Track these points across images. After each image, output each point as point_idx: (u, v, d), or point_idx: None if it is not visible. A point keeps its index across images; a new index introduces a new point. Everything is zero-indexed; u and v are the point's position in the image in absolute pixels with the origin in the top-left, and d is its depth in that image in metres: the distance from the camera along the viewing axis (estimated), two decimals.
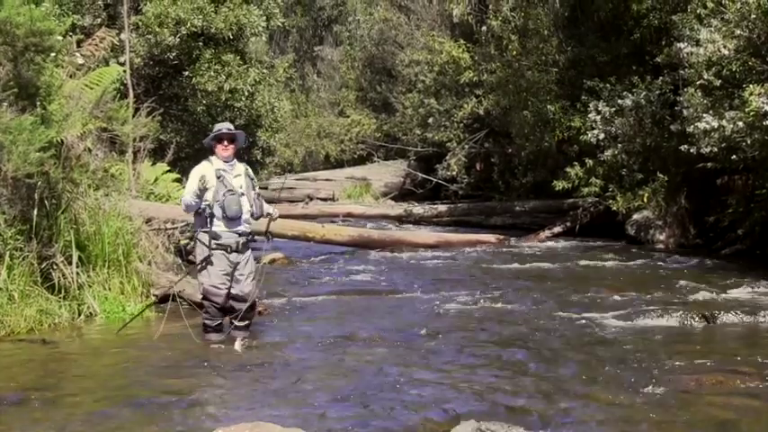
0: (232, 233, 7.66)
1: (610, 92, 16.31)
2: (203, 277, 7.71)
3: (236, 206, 7.61)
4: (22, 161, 7.70)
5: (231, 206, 7.58)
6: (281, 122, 20.75)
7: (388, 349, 7.52)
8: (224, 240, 7.64)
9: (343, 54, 36.07)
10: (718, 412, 5.67)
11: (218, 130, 7.84)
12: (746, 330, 8.27)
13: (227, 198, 7.57)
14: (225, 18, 17.02)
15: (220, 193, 7.59)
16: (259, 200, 7.91)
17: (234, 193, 7.63)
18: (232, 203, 7.59)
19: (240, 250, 7.75)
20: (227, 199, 7.57)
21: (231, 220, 7.62)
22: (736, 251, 13.56)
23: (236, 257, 7.73)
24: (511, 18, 19.59)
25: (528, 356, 7.29)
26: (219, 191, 7.59)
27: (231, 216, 7.60)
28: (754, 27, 12.25)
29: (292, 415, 5.45)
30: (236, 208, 7.62)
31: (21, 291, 8.03)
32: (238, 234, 7.70)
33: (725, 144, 12.34)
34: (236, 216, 7.64)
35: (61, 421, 5.45)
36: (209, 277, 7.67)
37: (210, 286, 7.68)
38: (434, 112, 23.37)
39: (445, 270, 12.78)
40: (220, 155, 7.76)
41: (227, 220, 7.61)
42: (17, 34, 8.03)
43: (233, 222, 7.65)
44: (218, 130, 7.84)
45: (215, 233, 7.63)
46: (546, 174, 18.40)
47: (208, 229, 7.64)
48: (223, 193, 7.58)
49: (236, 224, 7.68)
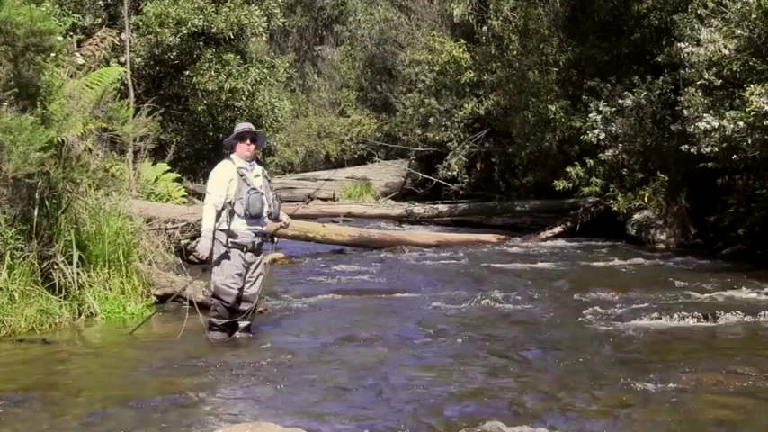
0: (249, 232, 7.64)
1: (610, 92, 16.32)
2: (216, 275, 7.67)
3: (259, 203, 7.60)
4: (22, 161, 7.70)
5: (255, 204, 7.57)
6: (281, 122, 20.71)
7: (389, 349, 7.52)
8: (240, 239, 7.62)
9: (343, 54, 36.07)
10: (718, 412, 5.67)
11: (240, 129, 7.79)
12: (747, 330, 8.27)
13: (252, 196, 7.56)
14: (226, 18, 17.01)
15: (243, 191, 7.56)
16: (276, 200, 7.91)
17: (258, 192, 7.62)
18: (256, 201, 7.58)
19: (255, 251, 7.75)
20: (251, 197, 7.55)
21: (253, 217, 7.61)
22: (736, 251, 13.56)
23: (251, 258, 7.72)
24: (511, 18, 19.56)
25: (528, 356, 7.30)
26: (242, 189, 7.56)
27: (254, 214, 7.59)
28: (754, 27, 12.25)
29: (293, 415, 5.45)
30: (260, 206, 7.62)
31: (21, 291, 8.04)
32: (255, 234, 7.69)
33: (725, 144, 12.34)
34: (258, 214, 7.64)
35: (61, 421, 5.46)
36: (222, 275, 7.65)
37: (222, 285, 7.64)
38: (435, 111, 23.34)
39: (446, 270, 12.78)
40: (242, 154, 7.72)
41: (248, 218, 7.58)
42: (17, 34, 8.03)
43: (254, 220, 7.64)
44: (240, 129, 7.79)
45: (232, 231, 7.60)
46: (546, 174, 18.39)
47: (226, 228, 7.61)
48: (247, 191, 7.55)
49: (256, 222, 7.67)
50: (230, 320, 7.75)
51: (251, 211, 7.56)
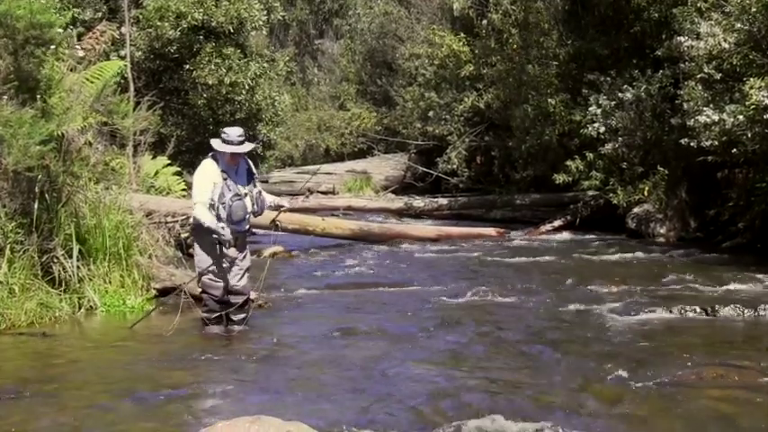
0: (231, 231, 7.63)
1: (610, 85, 16.31)
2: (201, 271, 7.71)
3: (242, 212, 7.57)
4: (22, 154, 7.71)
5: (238, 212, 7.53)
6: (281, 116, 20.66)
7: (389, 343, 7.53)
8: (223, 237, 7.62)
9: (343, 47, 36.00)
10: (719, 405, 5.68)
11: (229, 141, 7.56)
12: (747, 324, 8.28)
13: (235, 203, 7.50)
14: (225, 11, 16.97)
15: (227, 196, 7.50)
16: (261, 197, 7.88)
17: (240, 198, 7.57)
18: (239, 209, 7.54)
19: (239, 246, 7.75)
20: (234, 204, 7.50)
21: (235, 223, 7.59)
22: (736, 244, 13.54)
23: (234, 253, 7.72)
24: (511, 11, 19.54)
25: (529, 350, 7.31)
26: (226, 194, 7.50)
27: (236, 220, 7.57)
28: (754, 20, 12.24)
29: (293, 408, 5.45)
30: (242, 213, 7.59)
31: (21, 284, 8.04)
32: (237, 231, 7.69)
33: (725, 137, 12.33)
34: (240, 220, 7.64)
35: (61, 414, 5.47)
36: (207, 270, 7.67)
37: (209, 279, 7.70)
38: (435, 105, 23.33)
39: (446, 263, 12.78)
40: (228, 164, 7.63)
41: (230, 223, 7.54)
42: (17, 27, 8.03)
43: (236, 224, 7.61)
44: (229, 141, 7.56)
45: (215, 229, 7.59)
46: (546, 167, 18.38)
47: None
48: (230, 197, 7.50)
49: (238, 225, 7.65)
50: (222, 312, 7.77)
51: (234, 218, 7.53)
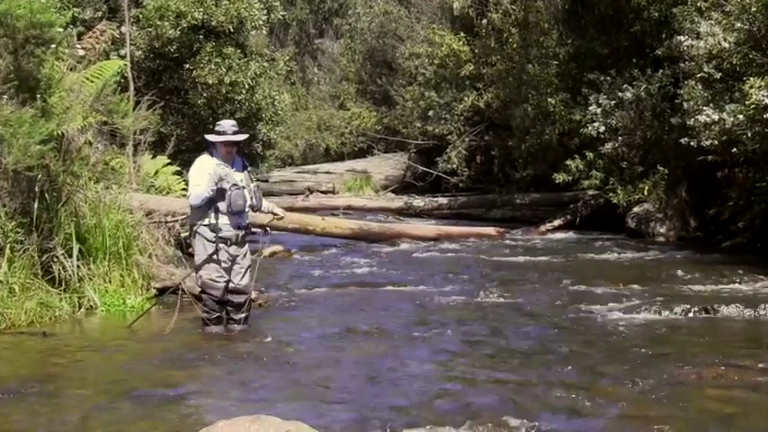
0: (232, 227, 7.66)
1: (610, 85, 16.31)
2: (202, 270, 7.72)
3: (241, 200, 7.61)
4: (22, 154, 7.71)
5: (237, 201, 7.57)
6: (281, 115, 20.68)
7: (389, 342, 7.53)
8: (224, 234, 7.64)
9: (343, 47, 35.99)
10: (718, 405, 5.68)
11: (223, 131, 7.67)
12: (747, 323, 8.27)
13: (234, 192, 7.55)
14: (225, 11, 16.98)
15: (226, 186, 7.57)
16: (258, 192, 7.91)
17: (239, 188, 7.62)
18: (238, 198, 7.58)
19: (239, 243, 7.76)
20: (233, 193, 7.54)
21: (235, 214, 7.62)
22: (736, 244, 13.54)
23: (236, 250, 7.74)
24: (511, 11, 19.55)
25: (529, 349, 7.30)
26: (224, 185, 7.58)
27: (236, 210, 7.60)
28: (754, 20, 12.24)
29: (293, 408, 5.44)
30: (242, 202, 7.62)
31: (21, 283, 8.03)
32: (238, 227, 7.71)
33: (725, 137, 12.34)
34: (241, 210, 7.65)
35: (61, 413, 5.47)
36: (208, 270, 7.68)
37: (209, 279, 7.69)
38: (435, 104, 23.34)
39: (446, 263, 12.78)
40: (224, 156, 7.71)
41: (231, 214, 7.59)
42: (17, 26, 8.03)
43: (237, 216, 7.64)
44: (223, 131, 7.67)
45: (216, 226, 7.62)
46: (546, 167, 18.38)
47: (208, 223, 7.63)
48: (229, 187, 7.56)
49: (239, 218, 7.67)
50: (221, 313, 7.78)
51: (234, 208, 7.57)
